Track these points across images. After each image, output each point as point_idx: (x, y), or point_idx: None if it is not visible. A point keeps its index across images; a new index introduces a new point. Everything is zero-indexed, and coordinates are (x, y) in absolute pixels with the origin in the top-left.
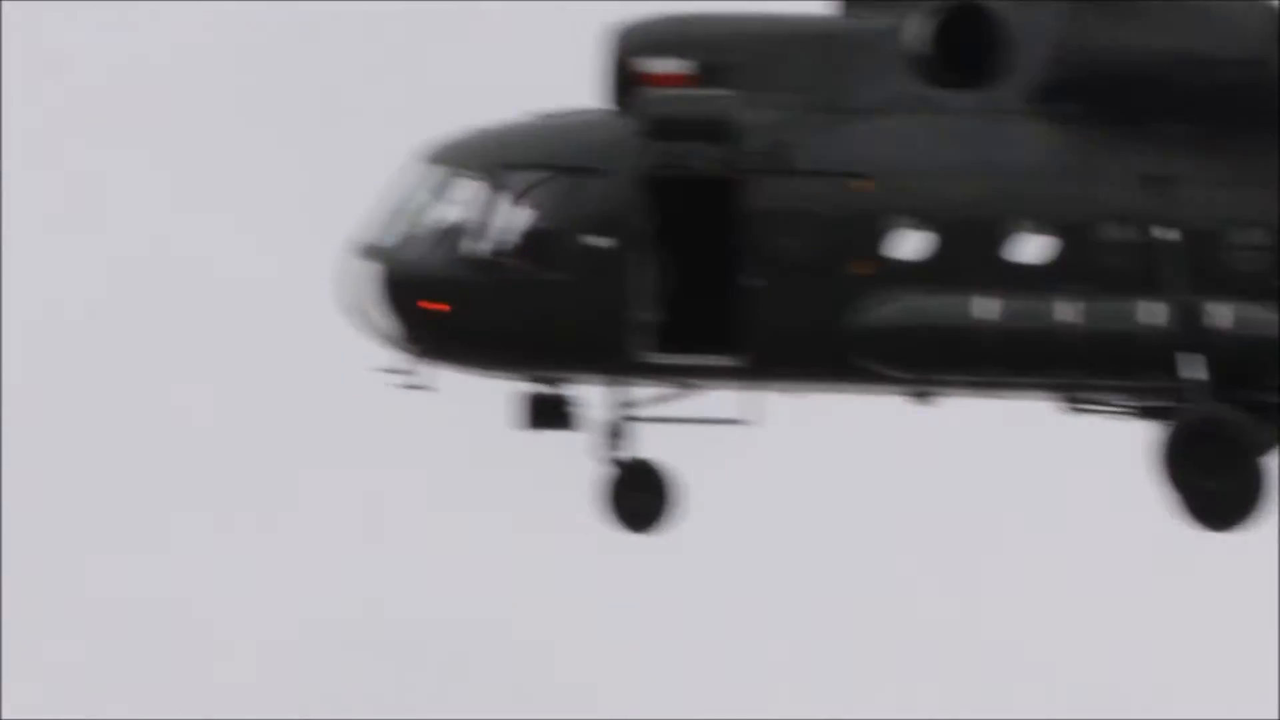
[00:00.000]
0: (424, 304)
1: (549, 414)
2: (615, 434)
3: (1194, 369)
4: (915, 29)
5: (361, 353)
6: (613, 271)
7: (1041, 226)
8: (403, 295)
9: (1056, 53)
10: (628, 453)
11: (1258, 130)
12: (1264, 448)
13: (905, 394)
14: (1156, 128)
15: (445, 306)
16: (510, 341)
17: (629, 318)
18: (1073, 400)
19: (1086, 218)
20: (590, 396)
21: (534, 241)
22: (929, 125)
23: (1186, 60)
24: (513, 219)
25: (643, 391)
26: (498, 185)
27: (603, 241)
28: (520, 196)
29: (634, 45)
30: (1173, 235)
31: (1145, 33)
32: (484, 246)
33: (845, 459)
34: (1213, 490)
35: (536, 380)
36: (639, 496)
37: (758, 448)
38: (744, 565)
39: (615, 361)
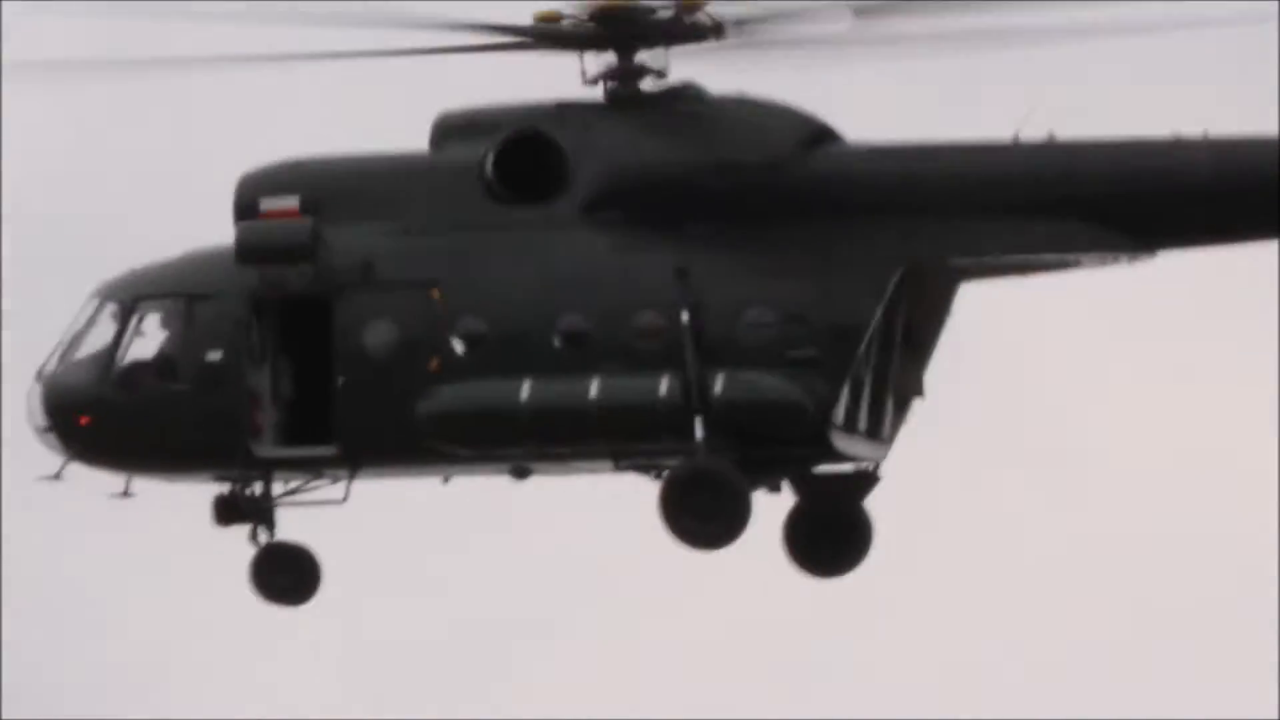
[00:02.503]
0: (71, 419)
1: (236, 511)
2: (260, 521)
3: (699, 430)
4: (485, 156)
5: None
6: (226, 381)
7: (584, 319)
8: (56, 412)
9: (603, 169)
10: (270, 537)
11: (774, 224)
12: (745, 492)
13: (504, 471)
14: (688, 228)
15: (85, 420)
16: (147, 448)
17: (242, 420)
18: (631, 466)
19: (622, 308)
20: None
21: (162, 360)
22: (493, 239)
23: (713, 167)
24: (147, 342)
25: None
26: (134, 312)
27: (216, 355)
28: (155, 322)
29: (255, 187)
30: (685, 318)
31: (678, 145)
32: (121, 367)
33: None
34: (700, 528)
35: (220, 480)
36: (280, 576)
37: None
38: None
39: (237, 458)
